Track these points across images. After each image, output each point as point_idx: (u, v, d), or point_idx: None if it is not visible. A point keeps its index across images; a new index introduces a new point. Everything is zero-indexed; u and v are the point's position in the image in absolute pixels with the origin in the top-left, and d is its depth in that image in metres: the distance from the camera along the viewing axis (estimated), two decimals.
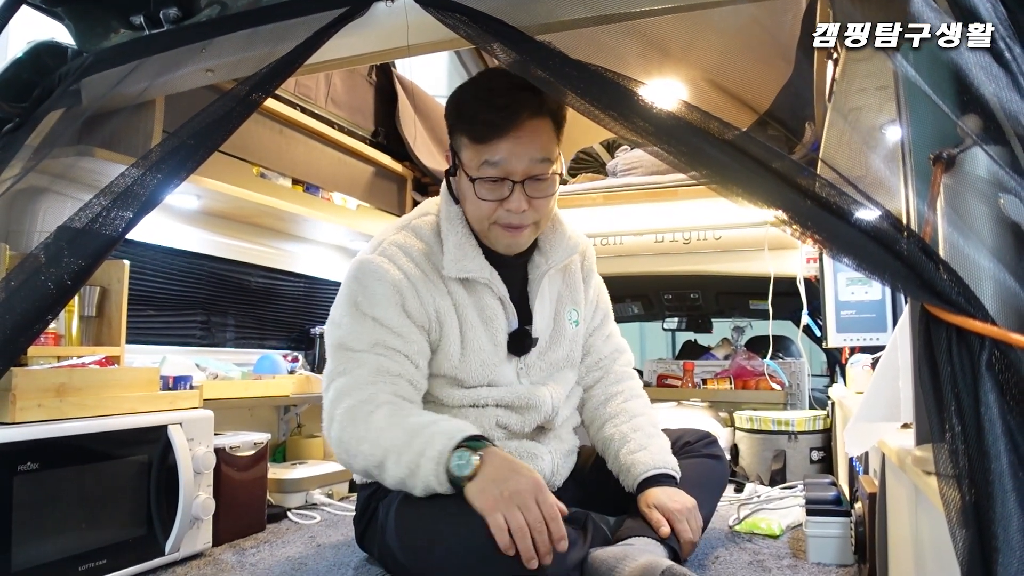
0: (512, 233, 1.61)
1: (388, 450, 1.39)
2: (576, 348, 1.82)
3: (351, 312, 1.56)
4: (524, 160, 1.53)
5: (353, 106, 3.04)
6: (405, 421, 1.43)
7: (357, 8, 1.42)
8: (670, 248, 3.35)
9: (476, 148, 1.54)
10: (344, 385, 1.51)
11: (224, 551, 1.84)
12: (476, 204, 1.59)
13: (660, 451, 1.71)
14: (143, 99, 1.82)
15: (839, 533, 1.67)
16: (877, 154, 1.47)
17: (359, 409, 1.46)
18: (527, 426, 1.68)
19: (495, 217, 1.59)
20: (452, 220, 1.65)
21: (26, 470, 1.40)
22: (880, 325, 2.26)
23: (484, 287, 1.64)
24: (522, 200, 1.56)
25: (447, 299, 1.62)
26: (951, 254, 0.87)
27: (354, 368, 1.52)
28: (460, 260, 1.61)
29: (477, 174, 1.55)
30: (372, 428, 1.43)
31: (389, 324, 1.54)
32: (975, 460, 0.74)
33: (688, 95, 2.62)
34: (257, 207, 2.44)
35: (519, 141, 1.52)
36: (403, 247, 1.62)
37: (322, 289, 3.16)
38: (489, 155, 1.53)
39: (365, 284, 1.57)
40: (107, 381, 1.65)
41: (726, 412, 3.11)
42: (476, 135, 1.53)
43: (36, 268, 1.27)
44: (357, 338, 1.54)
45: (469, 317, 1.63)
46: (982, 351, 0.77)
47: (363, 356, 1.52)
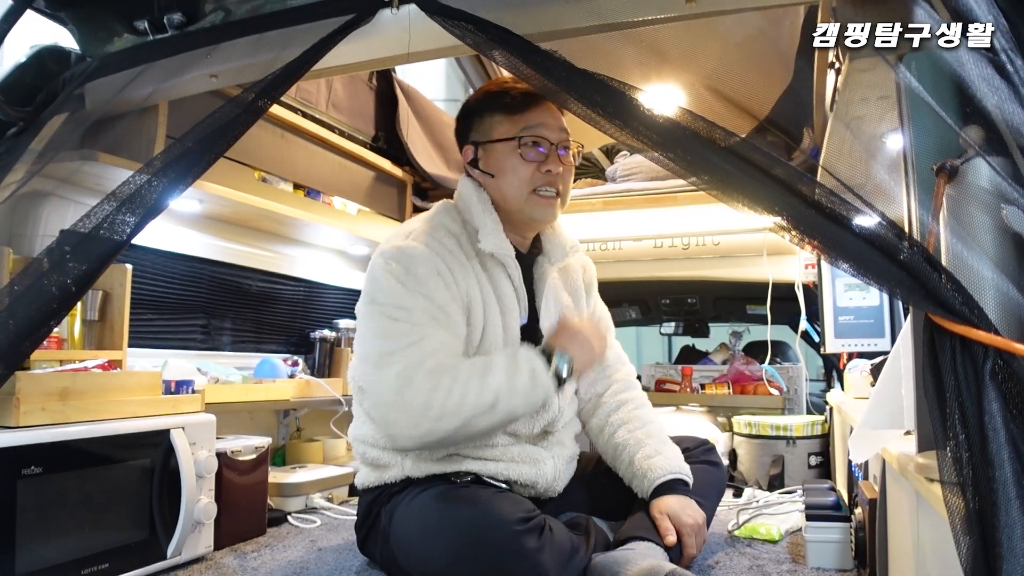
0: (549, 202, 1.69)
1: (498, 390, 1.45)
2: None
3: (398, 290, 1.55)
4: (555, 128, 1.69)
5: (354, 111, 3.05)
6: (491, 363, 1.51)
7: (363, 15, 1.43)
8: (669, 253, 3.37)
9: (513, 119, 1.68)
10: (414, 356, 1.48)
11: (225, 555, 1.85)
12: (516, 171, 1.67)
13: (675, 456, 1.74)
14: (147, 104, 1.82)
15: (839, 538, 1.67)
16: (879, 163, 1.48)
17: (443, 374, 1.46)
18: (534, 428, 1.69)
19: (533, 183, 1.67)
20: (485, 203, 1.69)
21: (30, 474, 1.40)
22: (878, 331, 2.28)
23: (503, 271, 1.69)
24: (557, 162, 1.68)
25: (475, 283, 1.64)
26: (954, 264, 0.88)
27: (418, 340, 1.50)
28: (496, 236, 1.66)
29: (519, 135, 1.66)
30: (471, 378, 1.46)
31: (439, 302, 1.55)
32: (979, 468, 0.74)
33: (689, 102, 2.64)
34: (258, 211, 2.44)
35: (550, 111, 1.69)
36: (433, 234, 1.64)
37: (322, 293, 3.16)
38: (527, 122, 1.67)
39: (408, 266, 1.56)
40: (110, 385, 1.66)
41: (724, 417, 3.12)
42: (513, 106, 1.68)
43: (40, 273, 1.28)
44: (411, 314, 1.52)
45: (491, 303, 1.66)
46: (986, 360, 0.78)
47: (424, 329, 1.52)
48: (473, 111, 1.75)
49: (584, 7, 1.37)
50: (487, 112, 1.71)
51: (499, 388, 1.45)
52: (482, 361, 1.51)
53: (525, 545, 1.33)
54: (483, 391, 1.44)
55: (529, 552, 1.32)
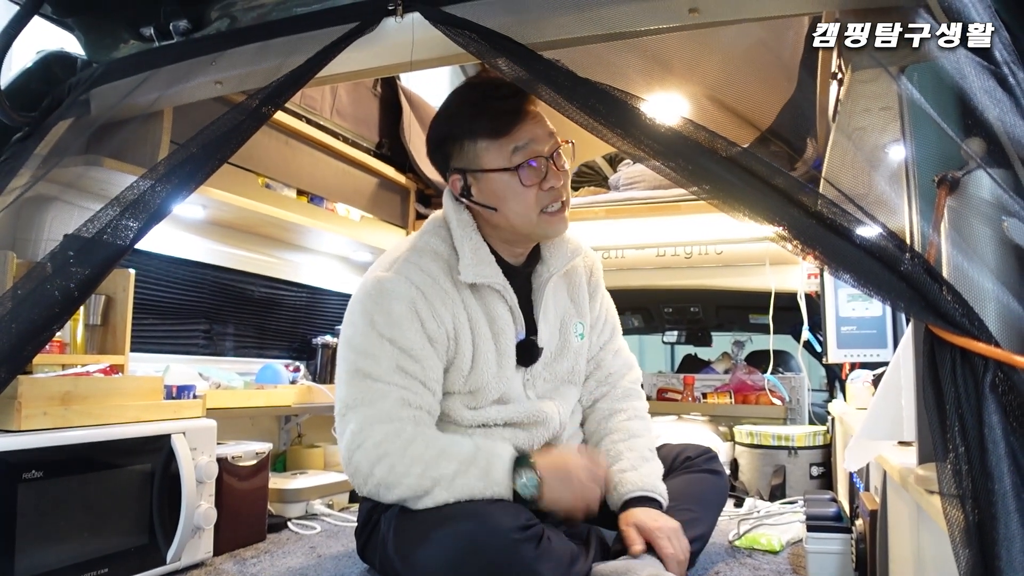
0: (558, 217, 1.64)
1: (438, 480, 1.44)
2: (580, 361, 1.82)
3: (368, 333, 1.55)
4: (545, 137, 1.61)
5: (358, 118, 3.06)
6: (451, 449, 1.48)
7: (367, 23, 1.44)
8: (671, 262, 3.37)
9: (500, 142, 1.58)
10: (369, 417, 1.50)
11: (225, 561, 1.84)
12: (519, 197, 1.60)
13: (650, 475, 1.70)
14: (152, 110, 1.83)
15: (840, 549, 1.67)
16: (880, 174, 1.49)
17: (391, 443, 1.47)
18: (535, 443, 1.68)
19: (540, 204, 1.61)
20: (465, 227, 1.65)
21: (31, 478, 1.40)
22: (880, 341, 2.27)
23: (496, 295, 1.65)
24: (556, 175, 1.61)
25: (462, 311, 1.62)
26: (955, 276, 0.88)
27: (377, 399, 1.51)
28: (477, 265, 1.62)
29: (511, 163, 1.58)
30: (416, 460, 1.45)
31: (408, 348, 1.54)
32: (978, 481, 0.74)
33: (691, 111, 2.65)
34: (262, 217, 2.45)
35: (536, 120, 1.61)
36: (417, 262, 1.62)
37: (325, 299, 3.17)
38: (516, 141, 1.58)
39: (381, 303, 1.56)
40: (112, 390, 1.66)
41: (726, 426, 3.12)
42: (498, 129, 1.58)
43: (43, 277, 1.28)
44: (376, 364, 1.53)
45: (480, 328, 1.63)
46: (986, 372, 0.78)
47: (384, 387, 1.52)
48: (449, 137, 1.64)
49: (587, 17, 1.38)
50: (467, 138, 1.61)
51: (440, 477, 1.44)
52: (441, 445, 1.50)
53: (523, 554, 1.32)
54: (423, 479, 1.45)
55: (527, 561, 1.32)
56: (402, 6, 1.42)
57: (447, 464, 1.45)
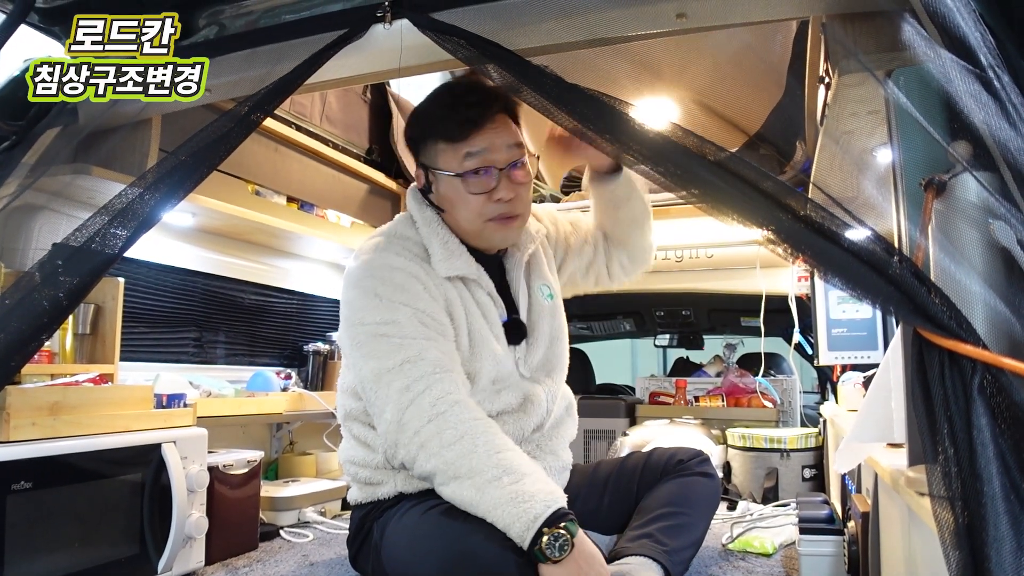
0: (506, 224, 1.62)
1: (474, 471, 1.35)
2: (558, 318, 1.81)
3: (378, 305, 1.51)
4: (502, 148, 1.57)
5: (347, 124, 3.06)
6: (498, 455, 1.36)
7: (356, 30, 1.44)
8: (662, 266, 3.37)
9: (455, 146, 1.57)
10: (414, 374, 1.44)
11: (217, 570, 1.83)
12: (466, 203, 1.59)
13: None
14: (140, 118, 1.82)
15: (832, 551, 1.67)
16: (868, 177, 1.50)
17: (446, 402, 1.41)
18: (524, 430, 1.67)
19: (486, 212, 1.59)
20: (430, 224, 1.65)
21: (19, 489, 1.39)
22: (871, 343, 2.28)
23: (475, 284, 1.65)
24: (509, 187, 1.59)
25: (452, 287, 1.62)
26: (942, 279, 0.89)
27: (415, 357, 1.46)
28: (448, 259, 1.61)
29: (462, 168, 1.57)
30: (463, 438, 1.37)
31: (423, 308, 1.52)
32: (968, 483, 0.75)
33: (680, 116, 2.66)
34: (252, 224, 2.44)
35: (495, 131, 1.57)
36: (397, 247, 1.62)
37: (315, 306, 3.16)
38: (470, 147, 1.56)
39: (381, 276, 1.54)
40: (101, 399, 1.65)
41: (718, 429, 3.12)
42: (453, 134, 1.57)
43: (31, 287, 1.27)
44: (399, 327, 1.49)
45: (471, 308, 1.63)
46: (974, 375, 0.78)
47: (422, 343, 1.48)
48: (417, 133, 1.66)
49: (575, 22, 1.38)
50: (429, 138, 1.62)
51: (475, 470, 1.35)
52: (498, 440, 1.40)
53: (515, 560, 1.32)
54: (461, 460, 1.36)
55: (518, 567, 1.32)
56: (390, 13, 1.42)
57: (487, 464, 1.35)
